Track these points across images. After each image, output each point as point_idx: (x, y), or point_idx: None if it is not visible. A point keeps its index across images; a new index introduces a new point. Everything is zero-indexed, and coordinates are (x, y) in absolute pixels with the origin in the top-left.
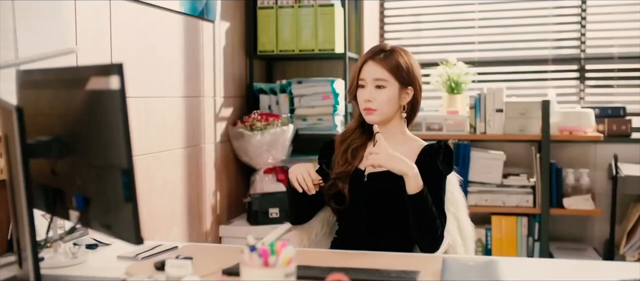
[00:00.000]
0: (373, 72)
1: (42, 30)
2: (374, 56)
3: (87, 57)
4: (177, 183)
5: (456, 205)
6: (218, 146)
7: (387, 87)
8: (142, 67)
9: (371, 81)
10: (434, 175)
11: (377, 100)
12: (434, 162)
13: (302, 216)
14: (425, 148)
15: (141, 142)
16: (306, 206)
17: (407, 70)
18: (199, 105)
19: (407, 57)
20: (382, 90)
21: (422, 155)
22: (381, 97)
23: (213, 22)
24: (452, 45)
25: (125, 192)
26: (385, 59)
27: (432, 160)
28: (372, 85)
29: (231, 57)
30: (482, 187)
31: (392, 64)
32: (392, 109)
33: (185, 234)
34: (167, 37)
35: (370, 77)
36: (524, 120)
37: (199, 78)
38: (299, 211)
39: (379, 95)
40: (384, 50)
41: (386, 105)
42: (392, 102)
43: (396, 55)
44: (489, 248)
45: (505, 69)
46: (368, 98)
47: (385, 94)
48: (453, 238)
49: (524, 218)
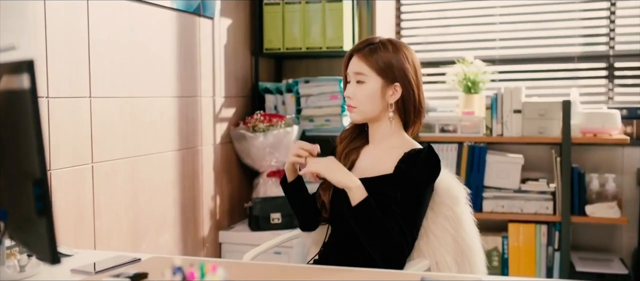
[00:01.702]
0: (353, 67)
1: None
2: (359, 50)
3: (59, 56)
4: (168, 187)
5: (456, 223)
6: (218, 148)
7: (366, 82)
8: (128, 66)
9: (353, 76)
10: (407, 185)
11: (356, 96)
12: (408, 170)
13: (308, 221)
14: (405, 154)
15: (125, 144)
16: (308, 208)
17: (390, 65)
18: (196, 105)
19: (396, 51)
20: (362, 86)
21: (401, 162)
22: (360, 93)
23: (212, 19)
24: (471, 42)
25: (37, 204)
26: (368, 53)
27: (408, 167)
28: (354, 81)
29: (234, 56)
30: (498, 192)
31: (374, 57)
32: (375, 107)
33: (178, 240)
34: (157, 35)
35: (351, 71)
36: (544, 122)
37: (195, 77)
38: (302, 214)
39: (358, 91)
40: (370, 44)
41: (366, 102)
42: (373, 99)
43: (382, 48)
44: (505, 258)
45: (527, 67)
46: (349, 94)
47: (365, 90)
48: (437, 259)
49: (544, 226)
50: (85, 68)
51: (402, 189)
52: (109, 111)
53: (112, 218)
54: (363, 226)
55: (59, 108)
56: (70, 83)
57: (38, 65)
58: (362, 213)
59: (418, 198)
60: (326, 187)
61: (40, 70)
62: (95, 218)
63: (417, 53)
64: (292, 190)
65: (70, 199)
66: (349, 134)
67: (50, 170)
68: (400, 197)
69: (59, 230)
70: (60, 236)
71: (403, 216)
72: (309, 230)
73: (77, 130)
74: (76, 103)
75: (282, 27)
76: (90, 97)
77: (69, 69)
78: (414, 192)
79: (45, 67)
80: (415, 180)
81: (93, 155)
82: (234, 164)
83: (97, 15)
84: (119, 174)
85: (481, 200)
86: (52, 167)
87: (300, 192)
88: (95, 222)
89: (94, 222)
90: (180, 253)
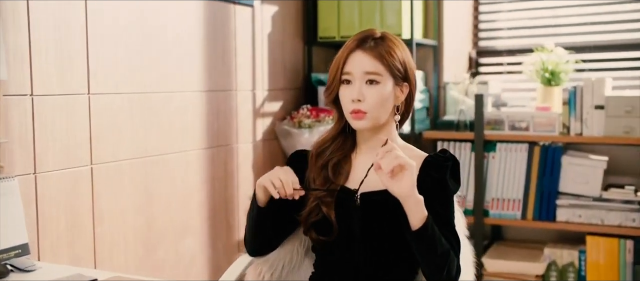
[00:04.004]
0: (363, 64)
1: None
2: (363, 44)
3: (46, 50)
4: (192, 188)
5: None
6: (259, 145)
7: (381, 83)
8: (137, 59)
9: (360, 75)
10: (443, 194)
11: (368, 100)
12: (442, 177)
13: (266, 244)
14: (428, 160)
15: (134, 144)
16: (274, 230)
17: (403, 63)
18: (230, 100)
19: (401, 47)
20: (375, 87)
21: (425, 169)
22: (374, 96)
23: (251, 6)
24: (552, 27)
25: None
26: (377, 48)
27: (440, 175)
28: (361, 81)
29: (280, 45)
30: (575, 200)
31: (387, 54)
32: (386, 111)
33: (205, 245)
34: (177, 24)
35: (359, 70)
36: (631, 120)
37: (228, 70)
38: (263, 237)
39: (372, 93)
40: (373, 37)
41: (380, 107)
42: (387, 102)
43: (389, 43)
44: (582, 275)
45: (613, 55)
46: (357, 97)
47: (379, 92)
48: None
49: (629, 241)
50: (82, 62)
51: (439, 198)
52: (112, 108)
53: (116, 223)
54: (429, 250)
55: (46, 107)
56: (62, 80)
57: (19, 60)
58: (427, 235)
59: (453, 207)
60: (329, 202)
61: (22, 66)
62: (95, 224)
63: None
64: (265, 214)
65: (62, 203)
66: (331, 142)
67: (35, 173)
68: (440, 208)
69: (46, 236)
70: (48, 243)
71: (447, 227)
72: (262, 254)
73: (71, 129)
74: (70, 101)
75: (338, 14)
76: (88, 94)
77: (60, 64)
78: (450, 200)
79: (28, 61)
80: (451, 187)
81: (92, 156)
82: (280, 162)
83: (96, 4)
84: (126, 176)
85: (554, 208)
86: (38, 170)
87: (273, 214)
88: (96, 228)
89: (93, 228)
90: (207, 258)
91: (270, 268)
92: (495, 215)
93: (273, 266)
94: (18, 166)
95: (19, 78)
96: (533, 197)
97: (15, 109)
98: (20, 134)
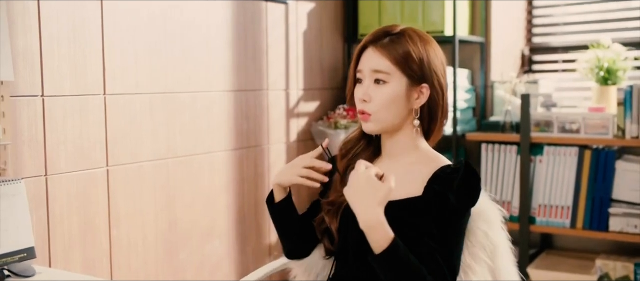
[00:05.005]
0: (371, 62)
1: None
2: (376, 40)
3: (58, 51)
4: (219, 190)
5: (493, 253)
6: (293, 146)
7: (389, 82)
8: (157, 59)
9: (369, 74)
10: (443, 212)
11: (374, 100)
12: (443, 192)
13: (295, 246)
14: (437, 173)
15: (155, 145)
16: (298, 232)
17: (419, 61)
18: (261, 99)
19: (422, 44)
20: (382, 86)
21: (431, 182)
22: (379, 97)
23: (285, 4)
24: (608, 22)
25: None
26: (390, 45)
27: (442, 189)
28: (370, 80)
29: (317, 43)
30: (630, 208)
31: (399, 51)
32: (396, 114)
33: (232, 248)
34: (201, 24)
35: (368, 68)
36: None
37: (259, 69)
38: (288, 238)
39: (377, 93)
40: (390, 33)
41: (386, 108)
42: (396, 103)
43: (406, 39)
44: None
45: None
46: (362, 96)
47: (386, 92)
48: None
49: None
50: (97, 62)
51: (437, 217)
52: (131, 109)
53: (135, 226)
54: (391, 274)
55: (58, 108)
56: (76, 80)
57: (29, 61)
58: (390, 259)
59: (457, 228)
60: (332, 211)
61: (32, 66)
62: (111, 227)
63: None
64: (281, 211)
65: (75, 206)
66: (354, 144)
67: (46, 175)
68: (436, 227)
69: (57, 239)
70: (59, 247)
71: (440, 251)
72: (298, 257)
73: (84, 130)
74: (83, 102)
75: (379, 10)
76: (104, 94)
77: (74, 64)
78: (452, 220)
79: (39, 62)
80: (454, 205)
81: (108, 158)
82: None
83: (112, 3)
84: (146, 178)
85: (607, 217)
86: (49, 172)
87: (290, 212)
88: (112, 231)
89: (109, 231)
90: (235, 261)
91: (304, 272)
92: (542, 222)
93: (307, 270)
94: (27, 168)
95: (29, 79)
96: (583, 204)
97: (25, 110)
98: (30, 135)
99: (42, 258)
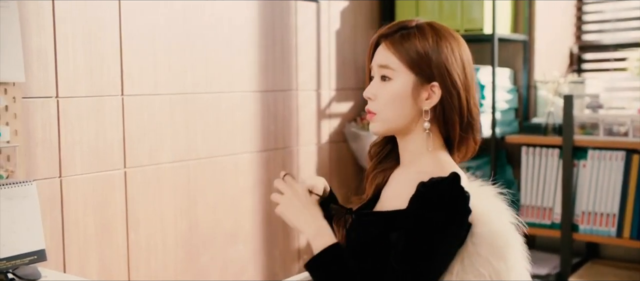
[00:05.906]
0: (378, 57)
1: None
2: (387, 35)
3: (73, 52)
4: (244, 192)
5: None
6: (324, 148)
7: (393, 79)
8: (177, 59)
9: (377, 70)
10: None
11: (378, 98)
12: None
13: None
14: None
15: (175, 147)
16: None
17: (427, 57)
18: (289, 100)
19: (435, 39)
20: (386, 83)
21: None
22: (384, 94)
23: (316, 2)
24: None
25: None
26: (400, 40)
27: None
28: (378, 76)
29: (351, 43)
30: None
31: (405, 45)
32: (402, 114)
33: (258, 252)
34: (225, 24)
35: (376, 63)
36: None
37: (288, 69)
38: None
39: (382, 90)
40: (404, 28)
41: (391, 107)
42: (401, 102)
43: (418, 35)
44: None
45: None
46: (368, 94)
47: (390, 89)
48: None
49: None
50: (115, 63)
51: (407, 232)
52: (150, 110)
53: (154, 229)
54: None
55: (73, 109)
56: (92, 81)
57: (43, 62)
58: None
59: (430, 247)
60: (340, 220)
61: (46, 68)
62: (129, 230)
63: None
64: None
65: (91, 208)
66: (379, 150)
67: (61, 176)
68: (404, 245)
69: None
70: (74, 250)
71: (407, 272)
72: None
73: (100, 132)
74: (100, 103)
75: (416, 8)
76: (122, 96)
77: (90, 65)
78: (423, 237)
79: (53, 63)
80: (427, 220)
81: (126, 160)
82: (349, 166)
83: (129, 4)
84: (165, 180)
85: None
86: (64, 174)
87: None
88: (130, 234)
89: (127, 234)
90: (261, 265)
91: None
92: (585, 230)
93: None
94: (41, 169)
95: (43, 80)
96: (630, 213)
97: (39, 111)
98: (43, 137)
99: (57, 261)
